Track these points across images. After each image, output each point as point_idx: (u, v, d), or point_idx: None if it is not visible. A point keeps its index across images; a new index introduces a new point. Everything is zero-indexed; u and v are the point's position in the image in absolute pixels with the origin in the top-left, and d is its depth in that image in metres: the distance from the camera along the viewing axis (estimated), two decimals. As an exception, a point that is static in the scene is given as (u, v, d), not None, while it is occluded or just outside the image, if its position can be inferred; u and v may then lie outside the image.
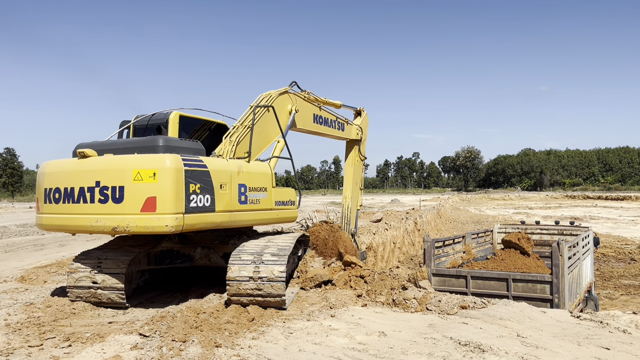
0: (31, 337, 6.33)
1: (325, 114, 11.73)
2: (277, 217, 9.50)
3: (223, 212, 8.05)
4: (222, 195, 8.02)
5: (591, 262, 12.59)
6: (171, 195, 7.26)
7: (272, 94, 10.01)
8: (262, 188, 8.98)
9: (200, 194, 7.64)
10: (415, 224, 22.72)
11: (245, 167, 8.64)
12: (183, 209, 7.36)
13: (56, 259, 14.01)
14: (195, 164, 7.66)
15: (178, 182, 7.32)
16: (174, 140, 8.22)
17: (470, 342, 6.04)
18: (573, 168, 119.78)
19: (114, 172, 7.51)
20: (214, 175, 7.88)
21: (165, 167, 7.29)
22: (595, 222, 33.12)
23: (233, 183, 8.25)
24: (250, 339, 6.28)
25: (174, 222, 7.24)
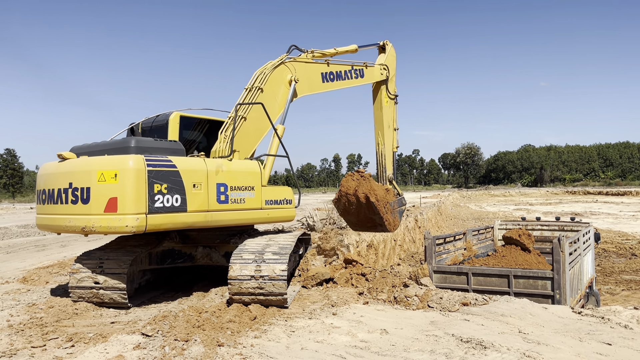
0: (34, 338, 6.34)
1: (336, 67, 11.01)
2: (269, 216, 9.27)
3: (197, 212, 8.02)
4: (196, 195, 8.00)
5: (592, 257, 12.60)
6: (131, 196, 7.35)
7: (265, 70, 9.57)
8: (248, 187, 8.80)
9: (168, 194, 7.68)
10: (416, 221, 22.72)
11: (227, 166, 8.53)
12: (145, 209, 7.42)
13: (58, 260, 14.03)
14: (162, 164, 7.69)
15: (139, 183, 7.38)
16: (147, 141, 8.27)
17: (472, 339, 6.05)
18: (573, 164, 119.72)
19: (82, 174, 7.71)
20: (185, 175, 7.88)
21: (125, 168, 7.40)
22: (595, 217, 33.11)
23: (210, 182, 8.19)
24: (253, 337, 6.30)
25: (135, 222, 7.32)
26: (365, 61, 11.62)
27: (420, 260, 15.65)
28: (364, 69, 11.54)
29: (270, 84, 9.55)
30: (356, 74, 11.35)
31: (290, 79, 9.94)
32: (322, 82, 10.69)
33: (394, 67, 12.58)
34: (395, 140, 12.76)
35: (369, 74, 11.69)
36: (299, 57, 10.21)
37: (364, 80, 11.62)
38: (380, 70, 11.96)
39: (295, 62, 10.10)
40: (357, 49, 11.71)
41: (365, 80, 11.66)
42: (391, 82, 12.32)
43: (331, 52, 10.94)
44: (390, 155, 12.28)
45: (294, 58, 10.09)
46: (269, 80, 9.53)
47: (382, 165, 12.08)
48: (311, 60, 10.46)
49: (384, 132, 12.14)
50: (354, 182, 10.05)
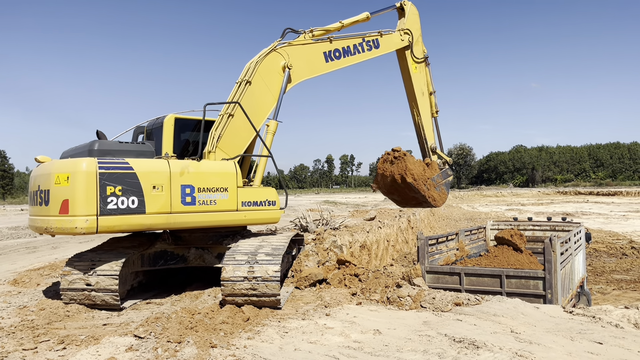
0: (25, 341, 6.29)
1: (341, 43, 10.22)
2: (246, 218, 9.03)
3: (157, 214, 8.03)
4: (156, 196, 8.01)
5: (583, 257, 12.68)
6: (81, 198, 7.48)
7: (254, 61, 9.25)
8: (220, 188, 8.66)
9: (123, 196, 7.73)
10: (409, 221, 22.77)
11: (194, 167, 8.48)
12: (96, 211, 7.51)
13: (49, 262, 13.92)
14: (116, 166, 7.77)
15: (88, 185, 7.50)
16: (111, 144, 8.40)
17: (464, 339, 6.07)
18: (564, 164, 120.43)
19: (45, 177, 7.97)
20: (143, 176, 7.91)
21: (76, 171, 7.56)
22: (586, 217, 33.34)
23: (173, 184, 8.18)
24: (246, 338, 6.29)
25: (84, 224, 7.45)
26: (380, 30, 10.70)
27: (413, 260, 15.69)
28: (379, 39, 10.68)
29: (259, 75, 9.28)
30: (369, 46, 10.53)
31: (284, 66, 9.50)
32: (326, 62, 10.07)
33: (418, 27, 11.55)
34: (434, 104, 11.78)
35: (385, 42, 10.82)
36: (294, 41, 9.66)
37: (380, 51, 10.78)
38: (400, 36, 11.01)
39: (290, 46, 9.61)
40: (369, 16, 10.75)
41: (382, 50, 10.82)
42: (417, 45, 11.35)
43: (336, 26, 10.18)
44: (429, 123, 11.42)
45: (288, 42, 9.61)
46: (257, 71, 9.26)
47: (422, 136, 11.25)
48: (310, 40, 9.86)
49: (417, 100, 11.23)
50: (389, 163, 9.70)
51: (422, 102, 11.35)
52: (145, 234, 9.63)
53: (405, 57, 11.12)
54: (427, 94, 11.54)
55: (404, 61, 11.19)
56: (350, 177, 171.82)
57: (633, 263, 18.16)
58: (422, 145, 11.31)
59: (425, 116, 11.42)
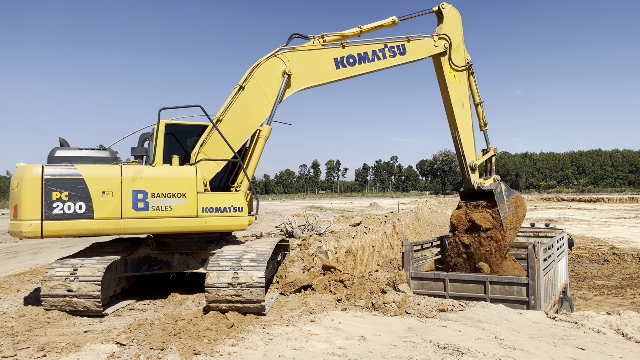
0: (4, 348, 6.17)
1: (357, 49, 9.62)
2: (207, 225, 8.77)
3: (106, 219, 8.12)
4: (105, 202, 8.12)
5: (566, 263, 12.83)
6: (26, 203, 7.78)
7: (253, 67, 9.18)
8: (177, 194, 8.52)
9: (69, 202, 7.92)
10: (394, 227, 22.83)
11: (147, 172, 8.46)
12: (40, 216, 7.76)
13: (29, 267, 13.70)
14: (63, 172, 7.96)
15: (34, 191, 7.78)
16: (71, 151, 8.56)
17: (449, 345, 6.09)
18: (548, 171, 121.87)
19: (12, 183, 8.23)
20: (91, 182, 8.05)
21: (22, 177, 7.89)
22: (569, 223, 33.74)
23: (124, 190, 8.21)
24: (230, 345, 6.24)
25: (29, 228, 7.73)
26: (410, 35, 9.91)
27: (398, 266, 15.73)
28: (405, 44, 9.86)
29: (255, 81, 9.18)
30: (393, 52, 9.73)
31: (283, 72, 9.24)
32: (337, 69, 9.53)
33: (459, 32, 10.52)
34: (482, 116, 10.75)
35: (413, 49, 9.99)
36: (300, 46, 9.33)
37: (406, 58, 9.91)
38: (435, 41, 10.12)
39: (293, 51, 9.28)
40: (396, 21, 9.94)
41: (409, 57, 9.96)
42: (456, 52, 10.38)
43: (353, 31, 9.54)
44: (468, 138, 10.28)
45: (293, 48, 9.28)
46: (254, 76, 9.18)
47: (460, 153, 10.12)
48: (320, 46, 9.45)
49: (455, 112, 10.18)
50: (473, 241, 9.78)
51: (461, 115, 10.28)
52: (128, 239, 9.53)
53: (441, 64, 10.20)
54: (469, 105, 10.56)
55: (440, 69, 10.28)
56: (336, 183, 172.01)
57: (614, 269, 18.42)
58: (460, 161, 10.24)
59: (464, 130, 10.31)
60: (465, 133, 10.31)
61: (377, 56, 9.68)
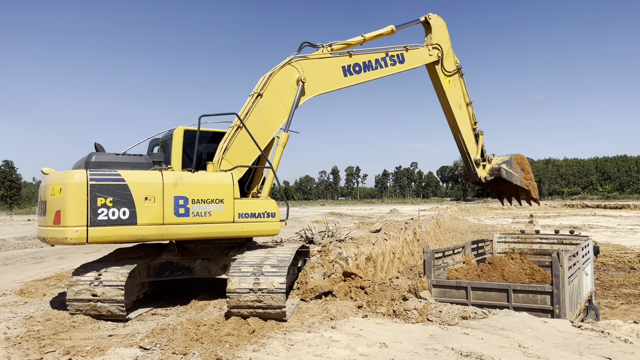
0: (31, 351, 6.29)
1: (362, 57, 9.99)
2: (243, 230, 8.95)
3: (149, 225, 8.08)
4: (148, 208, 8.07)
5: (591, 271, 12.57)
6: (71, 209, 7.64)
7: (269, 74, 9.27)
8: (216, 200, 8.64)
9: (114, 207, 7.84)
10: (415, 234, 22.68)
11: (187, 179, 8.51)
12: (86, 222, 7.65)
13: (55, 272, 13.95)
14: (108, 178, 7.89)
15: (80, 196, 7.67)
16: (108, 156, 8.53)
17: (471, 353, 6.02)
18: (571, 177, 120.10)
19: (45, 189, 8.20)
20: (135, 188, 8.00)
21: (67, 183, 7.74)
22: (594, 231, 33.11)
23: (166, 196, 8.22)
24: (251, 351, 6.26)
25: (74, 234, 7.59)
26: (407, 44, 10.40)
27: (419, 273, 15.61)
28: (404, 53, 10.32)
29: (272, 88, 9.30)
30: (393, 61, 10.19)
31: (298, 79, 9.43)
32: (344, 77, 9.86)
33: (447, 39, 11.12)
34: (472, 115, 11.40)
35: (411, 57, 10.47)
36: (311, 55, 9.57)
37: (405, 66, 10.43)
38: (427, 51, 10.64)
39: (305, 60, 9.51)
40: (394, 29, 10.43)
41: (408, 65, 10.46)
42: (447, 58, 11.00)
43: (357, 40, 9.94)
44: (470, 136, 11.04)
45: (304, 56, 9.52)
46: (270, 84, 9.30)
47: (464, 151, 10.89)
48: (328, 54, 9.72)
49: (454, 114, 10.89)
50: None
51: (460, 116, 10.96)
52: (151, 245, 9.65)
53: (436, 72, 10.78)
54: (465, 106, 11.13)
55: (436, 76, 10.84)
56: (355, 189, 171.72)
57: (641, 277, 17.98)
58: (465, 158, 10.98)
59: (465, 129, 11.05)
60: (466, 132, 10.96)
61: (379, 64, 10.11)
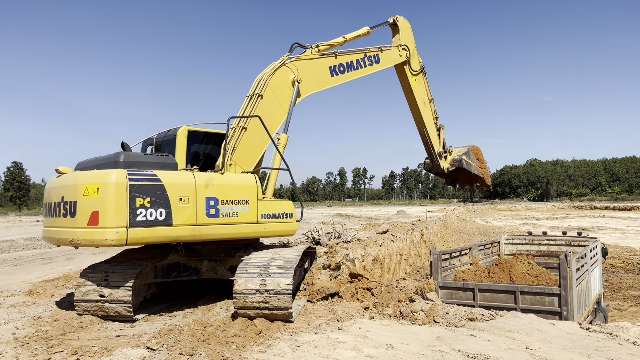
0: (39, 351, 6.33)
1: (345, 58, 10.31)
2: (265, 230, 9.12)
3: (183, 225, 8.03)
4: (182, 208, 8.01)
5: (600, 273, 12.49)
6: (111, 210, 7.43)
7: (265, 75, 9.31)
8: (242, 201, 8.72)
9: (151, 208, 7.71)
10: (422, 235, 22.61)
11: (217, 180, 8.53)
12: (126, 223, 7.48)
13: (63, 273, 14.03)
14: (145, 178, 7.75)
15: (119, 197, 7.47)
16: (136, 156, 8.36)
17: (478, 355, 6.00)
18: (580, 178, 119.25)
19: (71, 188, 7.88)
20: (170, 188, 7.92)
21: (106, 183, 7.51)
22: (602, 232, 32.86)
23: (198, 196, 8.19)
24: (258, 352, 6.27)
25: (115, 235, 7.39)
26: (381, 45, 10.84)
27: (426, 274, 15.57)
28: (379, 54, 10.78)
29: (270, 89, 9.36)
30: (370, 61, 10.60)
31: (293, 80, 9.59)
32: (331, 76, 10.16)
33: (412, 40, 11.68)
34: (433, 111, 12.06)
35: (385, 58, 10.93)
36: (302, 55, 9.76)
37: (380, 66, 10.89)
38: (398, 51, 11.14)
39: (298, 60, 9.70)
40: (369, 31, 10.87)
41: (382, 65, 10.93)
42: (413, 58, 11.55)
43: (339, 41, 10.30)
44: (433, 130, 11.69)
45: (296, 57, 9.70)
46: (269, 85, 9.35)
47: (429, 144, 11.55)
48: (317, 55, 9.96)
49: (420, 110, 11.47)
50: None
51: (425, 111, 11.61)
52: (158, 246, 9.69)
53: (405, 71, 11.31)
54: (428, 102, 11.79)
55: (404, 75, 11.36)
56: (362, 190, 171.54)
57: (651, 279, 17.84)
58: (429, 152, 11.61)
59: (429, 124, 11.68)
60: (431, 127, 11.67)
61: (360, 64, 10.52)
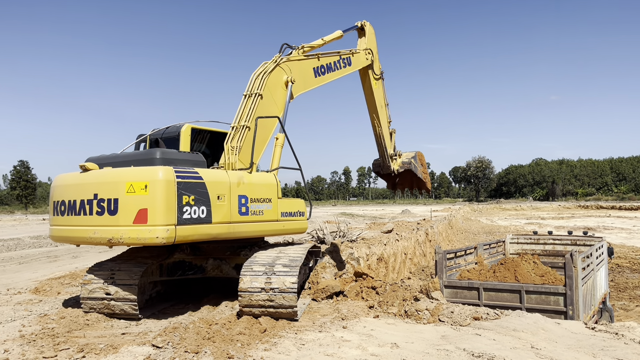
0: (45, 349, 6.37)
1: (326, 59, 10.74)
2: (284, 228, 9.34)
3: (221, 223, 8.02)
4: (220, 206, 8.01)
5: (605, 272, 12.44)
6: (162, 207, 7.29)
7: (262, 73, 9.40)
8: (266, 199, 8.86)
9: (195, 206, 7.65)
10: (427, 234, 22.60)
11: (247, 178, 8.60)
12: (175, 221, 7.38)
13: (69, 271, 14.11)
14: (190, 175, 7.70)
15: (169, 194, 7.35)
16: (172, 153, 8.27)
17: (483, 354, 5.99)
18: (586, 178, 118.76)
19: (109, 185, 7.63)
20: (211, 186, 7.89)
21: (156, 179, 7.33)
22: (608, 232, 32.73)
23: (232, 194, 8.22)
24: (263, 350, 6.29)
25: (165, 233, 7.26)
26: (352, 49, 11.46)
27: (431, 274, 15.56)
28: (351, 57, 11.32)
29: (268, 89, 9.42)
30: (344, 63, 11.11)
31: (287, 80, 9.75)
32: (315, 77, 10.51)
33: (375, 46, 12.38)
34: (388, 115, 12.76)
35: (355, 60, 11.49)
36: (292, 56, 9.98)
37: (352, 68, 11.45)
38: (365, 55, 11.75)
39: (290, 61, 9.88)
40: (342, 34, 11.42)
41: (353, 67, 11.49)
42: (376, 63, 12.16)
43: (319, 43, 10.73)
44: (387, 133, 12.29)
45: (287, 57, 9.88)
46: (266, 84, 9.39)
47: (382, 146, 12.07)
48: (302, 56, 10.25)
49: (378, 113, 12.10)
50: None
51: (382, 115, 12.22)
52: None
53: (368, 74, 11.89)
54: (385, 107, 12.44)
55: (367, 78, 11.92)
56: (367, 189, 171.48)
57: (657, 279, 17.75)
58: (382, 153, 12.11)
59: (385, 127, 12.27)
60: (386, 130, 12.23)
61: (337, 66, 11.02)
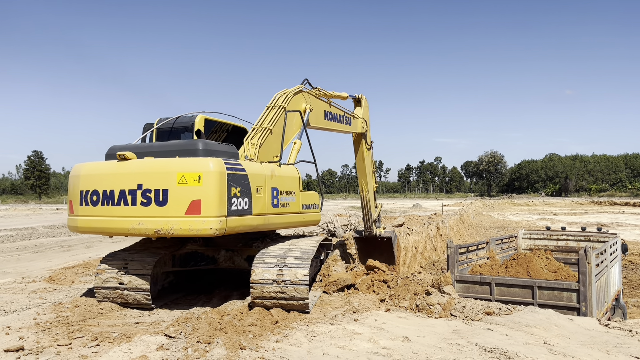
0: (60, 336, 6.46)
1: (334, 109, 11.39)
2: (304, 220, 9.50)
3: (259, 215, 8.10)
4: (258, 198, 8.08)
5: (619, 269, 12.32)
6: (215, 199, 7.30)
7: (287, 93, 9.84)
8: (292, 192, 9.02)
9: (240, 198, 7.70)
10: (438, 229, 22.51)
11: (277, 171, 8.70)
12: (226, 212, 7.41)
13: (83, 260, 14.27)
14: (236, 167, 7.72)
15: (222, 186, 7.36)
16: (212, 144, 8.18)
17: (495, 349, 5.97)
18: (599, 173, 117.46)
19: (157, 175, 7.52)
20: (252, 179, 7.94)
21: (209, 171, 7.32)
22: (622, 228, 32.38)
23: (267, 187, 8.31)
24: (274, 341, 6.32)
25: (218, 224, 7.28)
26: (353, 112, 12.24)
27: (442, 268, 15.51)
28: (352, 119, 12.05)
29: (291, 106, 9.79)
30: (346, 121, 11.79)
31: (305, 107, 10.26)
32: (324, 119, 11.04)
33: (369, 118, 13.25)
34: (374, 181, 13.59)
35: (354, 124, 12.21)
36: (311, 90, 10.66)
37: (351, 129, 12.16)
38: (362, 123, 12.56)
39: (309, 93, 10.48)
40: (348, 96, 12.22)
41: (352, 129, 12.18)
42: (368, 133, 13.01)
43: (330, 93, 11.43)
44: (372, 198, 12.92)
45: (307, 90, 10.52)
46: (290, 102, 9.77)
47: (367, 210, 12.60)
48: (319, 94, 10.87)
49: (367, 179, 12.85)
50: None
51: (370, 180, 12.93)
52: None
53: (361, 143, 12.67)
54: (372, 174, 13.19)
55: (359, 145, 12.68)
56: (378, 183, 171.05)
57: (671, 277, 17.54)
58: (366, 216, 12.63)
59: (371, 192, 12.90)
60: (372, 194, 12.85)
61: (341, 120, 11.67)
